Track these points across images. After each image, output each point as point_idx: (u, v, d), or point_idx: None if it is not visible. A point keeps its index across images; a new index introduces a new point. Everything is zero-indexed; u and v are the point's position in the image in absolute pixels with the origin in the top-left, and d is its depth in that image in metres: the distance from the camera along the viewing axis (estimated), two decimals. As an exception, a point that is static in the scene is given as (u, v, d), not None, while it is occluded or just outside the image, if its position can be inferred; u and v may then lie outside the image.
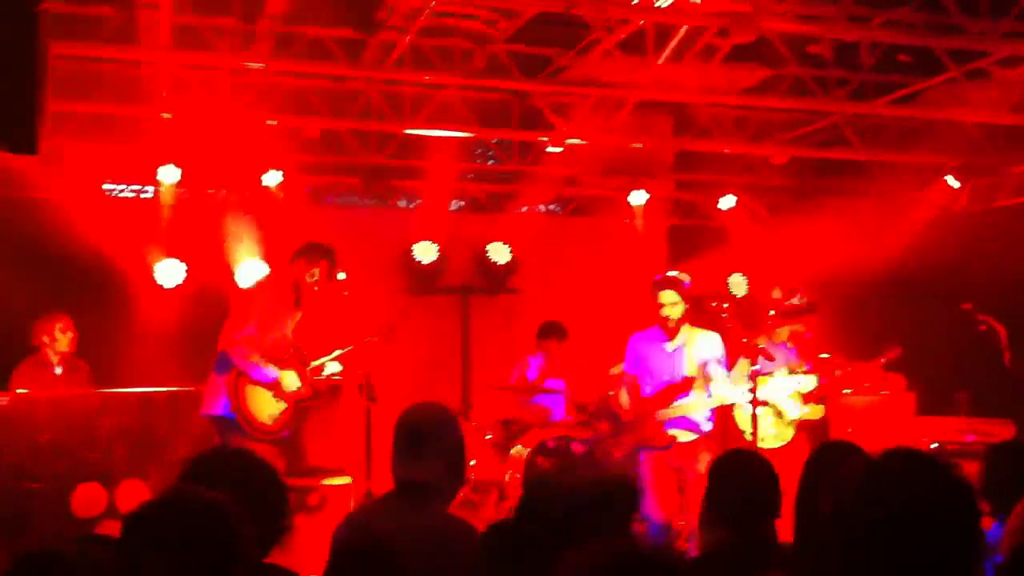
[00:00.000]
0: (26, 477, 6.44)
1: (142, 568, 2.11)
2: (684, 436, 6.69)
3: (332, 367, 6.73)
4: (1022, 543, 2.42)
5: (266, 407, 6.38)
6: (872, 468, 2.04)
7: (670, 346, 6.82)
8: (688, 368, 6.78)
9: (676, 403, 6.76)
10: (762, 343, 7.51)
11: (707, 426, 6.78)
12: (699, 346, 6.82)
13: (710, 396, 6.66)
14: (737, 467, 3.81)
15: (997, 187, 9.99)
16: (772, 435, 7.38)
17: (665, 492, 6.69)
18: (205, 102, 8.15)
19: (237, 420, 6.27)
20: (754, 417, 6.66)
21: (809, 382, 7.39)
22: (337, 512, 7.15)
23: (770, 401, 7.33)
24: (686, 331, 6.81)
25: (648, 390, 6.86)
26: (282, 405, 6.41)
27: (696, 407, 6.72)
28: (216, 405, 6.33)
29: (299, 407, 6.66)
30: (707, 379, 6.71)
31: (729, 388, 6.73)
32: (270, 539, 2.80)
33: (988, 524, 3.96)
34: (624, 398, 6.97)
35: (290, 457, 7.21)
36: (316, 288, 6.57)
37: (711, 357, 6.79)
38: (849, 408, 7.85)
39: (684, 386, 6.74)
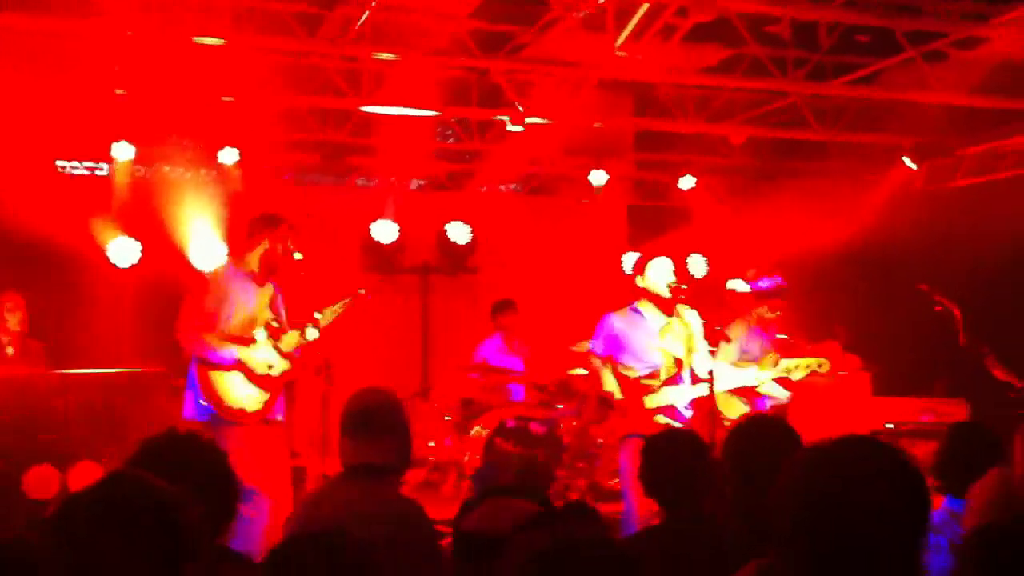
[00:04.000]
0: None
1: (79, 554, 2.07)
2: (668, 423, 6.20)
3: (311, 334, 6.47)
4: (985, 522, 2.42)
5: (237, 388, 6.16)
6: (815, 453, 2.04)
7: (654, 325, 6.46)
8: (678, 349, 6.45)
9: (671, 389, 6.39)
10: (740, 328, 7.45)
11: (688, 413, 6.39)
12: (688, 322, 6.51)
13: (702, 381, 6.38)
14: (667, 446, 3.85)
15: (954, 168, 10.07)
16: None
17: None
18: (160, 77, 8.02)
19: (214, 412, 6.10)
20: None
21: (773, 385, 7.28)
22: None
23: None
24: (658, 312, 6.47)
25: (638, 373, 6.43)
26: (263, 376, 6.18)
27: (692, 393, 6.37)
28: (189, 405, 6.15)
29: (287, 387, 6.47)
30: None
31: (735, 372, 6.59)
32: (218, 524, 2.77)
33: (938, 502, 4.02)
34: (611, 382, 6.47)
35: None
36: (295, 255, 6.36)
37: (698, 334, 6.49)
38: (807, 388, 7.87)
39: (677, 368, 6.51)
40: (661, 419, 6.18)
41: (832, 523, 1.92)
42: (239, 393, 6.12)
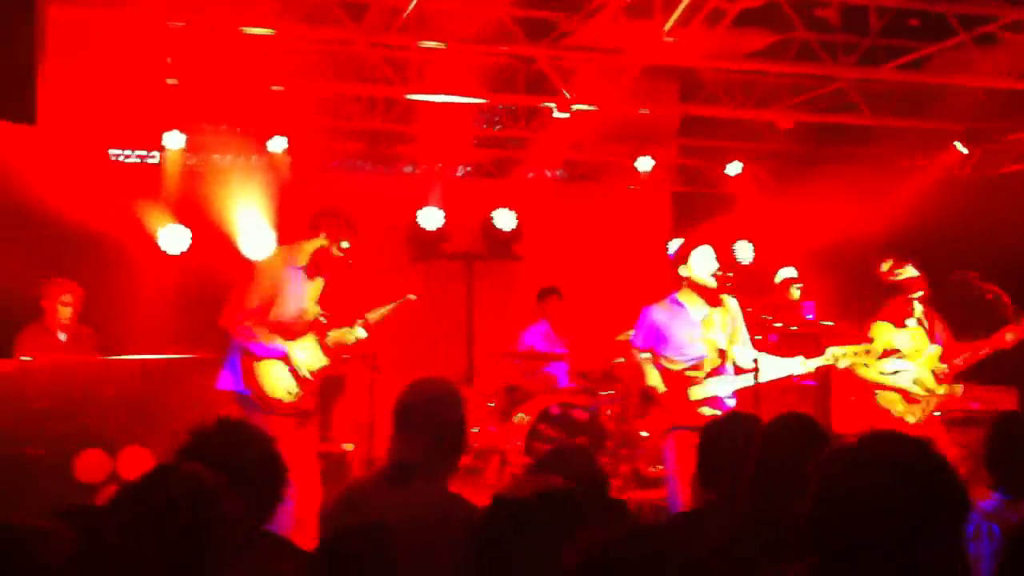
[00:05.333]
0: (29, 443, 6.46)
1: (120, 546, 2.14)
2: (713, 415, 6.00)
3: (359, 332, 6.53)
4: None
5: (280, 381, 6.23)
6: (848, 455, 2.04)
7: (696, 316, 6.40)
8: (720, 339, 6.38)
9: (715, 379, 6.33)
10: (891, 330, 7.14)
11: (731, 403, 6.32)
12: (731, 310, 6.47)
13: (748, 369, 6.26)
14: (727, 430, 3.82)
15: (1003, 153, 9.92)
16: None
17: (690, 474, 6.36)
18: (210, 67, 8.11)
19: (250, 397, 6.22)
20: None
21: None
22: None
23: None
24: (701, 302, 6.41)
25: (681, 365, 6.37)
26: (303, 377, 6.28)
27: (737, 383, 6.31)
28: (226, 379, 6.27)
29: (325, 379, 6.56)
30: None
31: (780, 362, 6.34)
32: (264, 512, 2.83)
33: (986, 495, 3.96)
34: (654, 375, 6.39)
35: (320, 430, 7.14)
36: (345, 260, 6.40)
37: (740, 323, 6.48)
38: (851, 376, 7.81)
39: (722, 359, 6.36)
40: (706, 411, 6.10)
41: (860, 520, 1.92)
42: (278, 384, 6.21)
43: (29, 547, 2.01)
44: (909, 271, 7.15)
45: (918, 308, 7.18)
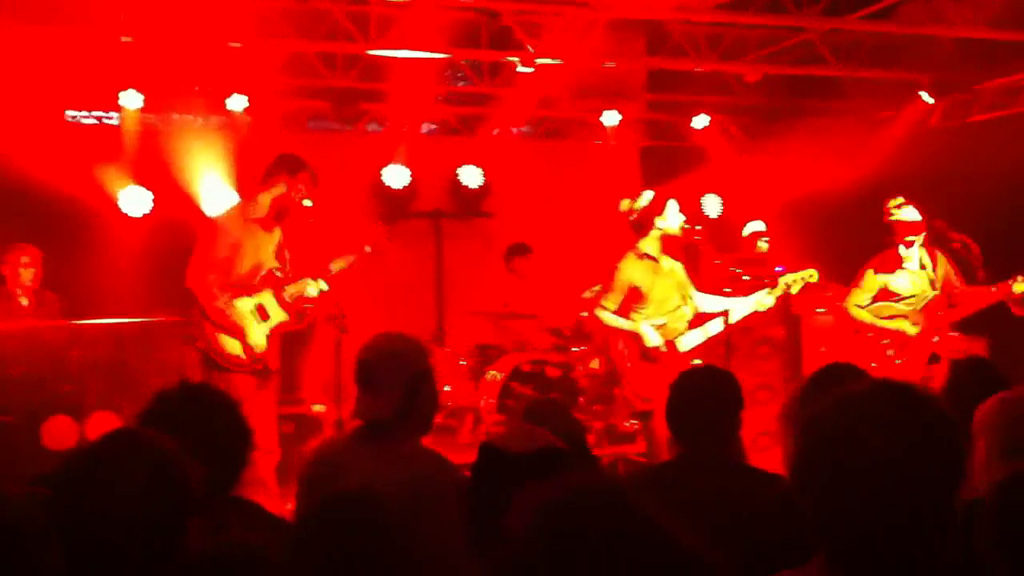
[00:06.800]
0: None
1: (88, 511, 2.08)
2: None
3: (321, 285, 6.46)
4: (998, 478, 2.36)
5: (233, 339, 6.25)
6: (850, 404, 1.98)
7: (666, 266, 6.60)
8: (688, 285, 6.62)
9: (694, 331, 6.55)
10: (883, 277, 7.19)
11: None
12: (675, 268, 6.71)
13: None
14: (695, 383, 3.79)
15: (971, 103, 9.92)
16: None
17: None
18: (167, 24, 7.93)
19: (210, 355, 6.18)
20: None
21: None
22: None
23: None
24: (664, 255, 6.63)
25: (662, 319, 6.55)
26: (262, 335, 6.23)
27: (710, 330, 6.54)
28: (191, 337, 6.27)
29: (287, 336, 6.53)
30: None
31: (745, 301, 6.58)
32: (229, 476, 2.77)
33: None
34: (652, 334, 6.49)
35: (284, 387, 7.11)
36: (304, 202, 6.33)
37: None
38: (821, 327, 7.84)
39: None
40: (698, 362, 6.23)
41: (879, 483, 1.86)
42: (236, 343, 6.16)
43: (11, 515, 1.96)
44: (908, 212, 7.15)
45: (916, 252, 7.17)
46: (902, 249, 7.12)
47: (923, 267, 7.16)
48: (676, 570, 1.58)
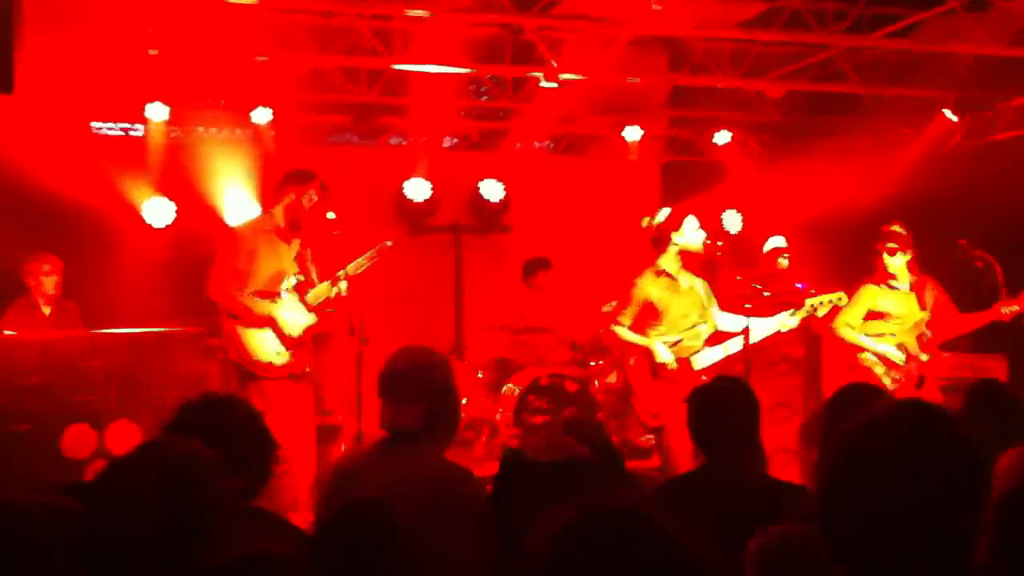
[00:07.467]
0: (15, 419, 6.40)
1: (110, 521, 2.09)
2: None
3: (341, 287, 6.46)
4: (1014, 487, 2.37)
5: (266, 343, 6.23)
6: (877, 426, 1.98)
7: (685, 283, 6.55)
8: (708, 303, 6.58)
9: (710, 348, 6.49)
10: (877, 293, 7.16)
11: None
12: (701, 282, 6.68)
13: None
14: (714, 395, 3.83)
15: (993, 121, 9.88)
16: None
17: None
18: (193, 38, 8.00)
19: (242, 364, 6.20)
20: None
21: None
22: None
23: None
24: (683, 271, 6.61)
25: (676, 337, 6.50)
26: (290, 337, 6.24)
27: (729, 348, 6.46)
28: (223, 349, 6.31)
29: (314, 340, 6.54)
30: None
31: (765, 322, 6.46)
32: (252, 488, 2.78)
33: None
34: (663, 351, 6.44)
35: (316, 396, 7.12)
36: (316, 210, 6.38)
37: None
38: (843, 345, 7.79)
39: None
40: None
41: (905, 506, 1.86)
42: (267, 348, 6.19)
43: (37, 524, 1.98)
44: (895, 226, 7.18)
45: (904, 270, 7.16)
46: (886, 257, 7.12)
47: (913, 288, 7.16)
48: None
